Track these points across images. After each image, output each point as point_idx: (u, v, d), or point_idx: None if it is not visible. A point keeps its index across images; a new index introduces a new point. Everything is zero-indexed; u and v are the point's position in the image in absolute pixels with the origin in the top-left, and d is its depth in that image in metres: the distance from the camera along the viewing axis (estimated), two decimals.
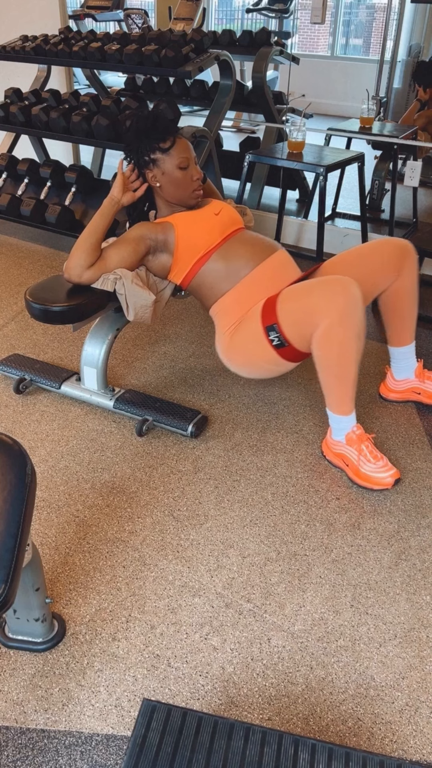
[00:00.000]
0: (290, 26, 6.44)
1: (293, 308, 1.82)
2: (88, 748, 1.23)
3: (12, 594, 0.97)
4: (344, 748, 1.00)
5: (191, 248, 1.97)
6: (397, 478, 1.86)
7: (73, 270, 1.92)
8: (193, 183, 2.01)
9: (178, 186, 2.00)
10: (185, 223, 1.99)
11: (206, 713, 1.03)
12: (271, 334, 1.86)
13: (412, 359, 2.19)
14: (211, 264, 1.98)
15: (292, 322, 1.82)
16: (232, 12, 8.13)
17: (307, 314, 1.77)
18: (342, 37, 7.71)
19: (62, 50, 3.41)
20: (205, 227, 1.99)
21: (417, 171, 3.28)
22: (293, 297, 1.84)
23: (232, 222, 2.06)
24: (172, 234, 1.97)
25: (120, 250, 1.95)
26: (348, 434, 1.89)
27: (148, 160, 1.98)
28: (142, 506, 1.81)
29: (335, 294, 1.74)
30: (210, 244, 1.98)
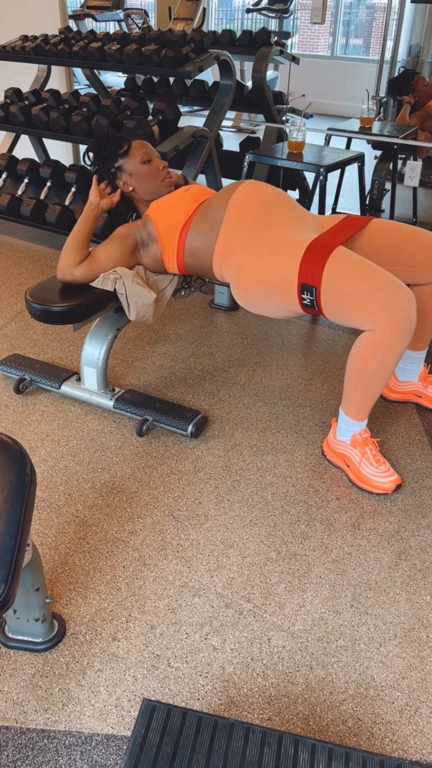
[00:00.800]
0: (290, 26, 6.45)
1: (346, 291, 1.69)
2: (88, 748, 1.23)
3: (12, 594, 0.97)
4: (344, 748, 1.00)
5: (170, 226, 2.01)
6: (398, 483, 1.85)
7: (65, 269, 1.97)
8: (160, 172, 2.10)
9: (147, 179, 2.08)
10: (159, 207, 2.04)
11: (206, 713, 1.03)
12: (305, 293, 1.74)
13: (420, 364, 2.19)
14: (192, 230, 2.00)
15: (337, 301, 1.71)
16: (232, 12, 8.13)
17: (360, 310, 1.68)
18: (342, 37, 7.71)
19: (62, 50, 3.41)
20: (176, 203, 2.04)
21: (417, 171, 3.28)
22: (350, 276, 1.69)
23: (201, 192, 2.09)
24: (150, 223, 2.03)
25: (107, 247, 2.00)
26: (354, 435, 1.89)
27: (114, 170, 2.08)
28: (142, 506, 1.81)
29: (397, 311, 1.64)
30: (186, 214, 2.01)
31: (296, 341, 2.71)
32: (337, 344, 2.68)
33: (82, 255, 1.98)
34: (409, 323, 1.65)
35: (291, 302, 1.81)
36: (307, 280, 1.73)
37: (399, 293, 1.65)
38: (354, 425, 1.88)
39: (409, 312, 1.65)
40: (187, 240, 1.99)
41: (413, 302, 1.65)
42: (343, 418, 1.90)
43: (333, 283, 1.70)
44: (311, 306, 1.77)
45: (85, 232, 2.02)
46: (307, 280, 1.73)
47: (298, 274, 1.74)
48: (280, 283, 1.80)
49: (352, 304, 1.69)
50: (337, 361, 2.54)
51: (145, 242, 2.03)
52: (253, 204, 1.92)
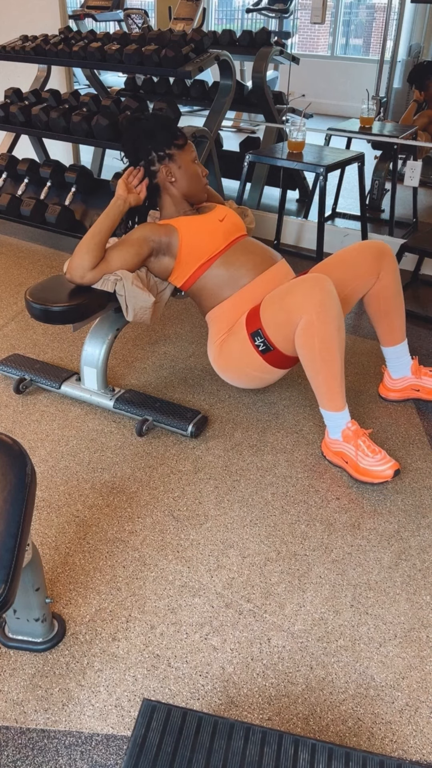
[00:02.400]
0: (290, 26, 6.44)
1: (274, 311, 1.86)
2: (88, 748, 1.23)
3: (12, 594, 0.97)
4: (344, 748, 1.00)
5: (195, 253, 1.98)
6: (397, 468, 1.85)
7: (76, 271, 1.91)
8: (203, 178, 2.10)
9: (193, 179, 2.06)
10: (189, 228, 1.99)
11: (206, 713, 1.03)
12: (256, 339, 1.91)
13: (406, 357, 2.20)
14: (214, 270, 1.99)
15: (274, 324, 1.86)
16: (232, 12, 8.13)
17: (287, 314, 1.82)
18: (342, 37, 7.71)
19: (62, 50, 3.41)
20: (209, 233, 2.00)
21: (417, 171, 3.28)
22: (273, 300, 1.88)
23: (236, 228, 2.08)
24: (176, 237, 1.98)
25: (122, 252, 1.95)
26: (344, 431, 1.90)
27: (164, 155, 2.02)
28: (142, 506, 1.81)
29: (310, 289, 1.79)
30: (214, 250, 1.99)
31: None
32: None
33: (98, 257, 1.91)
34: (327, 292, 1.78)
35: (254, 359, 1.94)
36: (251, 328, 1.91)
37: (307, 279, 1.82)
38: (336, 417, 1.90)
39: (321, 283, 1.79)
40: (205, 275, 2.00)
41: (323, 277, 1.80)
42: (325, 414, 1.93)
43: (268, 313, 1.88)
44: (267, 348, 1.90)
45: (105, 230, 1.94)
46: (252, 328, 1.91)
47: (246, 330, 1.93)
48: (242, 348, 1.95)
49: (283, 314, 1.84)
50: None
51: (161, 251, 1.99)
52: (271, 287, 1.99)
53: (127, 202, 2.00)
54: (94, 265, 1.91)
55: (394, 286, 2.06)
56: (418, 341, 2.68)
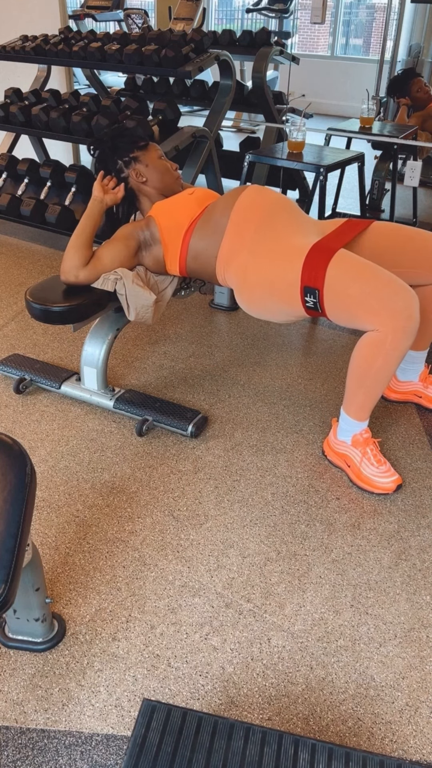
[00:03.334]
0: (290, 26, 6.44)
1: (348, 292, 1.70)
2: (88, 748, 1.23)
3: (12, 594, 0.97)
4: (344, 748, 1.00)
5: (174, 228, 2.01)
6: (399, 483, 1.85)
7: (69, 271, 1.96)
8: (173, 172, 2.15)
9: (163, 173, 2.12)
10: (163, 209, 2.05)
11: (206, 713, 1.03)
12: (308, 295, 1.75)
13: (421, 364, 2.19)
14: (196, 233, 2.00)
15: (340, 302, 1.72)
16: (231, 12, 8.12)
17: (363, 310, 1.69)
18: (342, 37, 7.71)
19: (62, 50, 3.41)
20: (181, 206, 2.04)
21: (417, 171, 3.28)
22: (351, 278, 1.71)
23: (206, 195, 2.10)
24: (153, 223, 2.03)
25: (111, 248, 1.99)
26: (355, 435, 1.89)
27: (129, 159, 2.10)
28: (142, 506, 1.81)
29: (400, 310, 1.65)
30: (190, 217, 2.01)
31: (296, 341, 2.71)
32: (337, 344, 2.68)
33: (87, 255, 1.96)
34: (412, 322, 1.65)
35: (294, 306, 1.81)
36: (309, 282, 1.74)
37: (401, 292, 1.66)
38: (355, 425, 1.88)
39: (412, 311, 1.65)
40: (191, 243, 1.99)
41: (416, 301, 1.66)
42: (345, 418, 1.90)
43: (335, 284, 1.71)
44: (314, 308, 1.78)
45: (88, 229, 2.01)
46: (310, 283, 1.74)
47: (301, 277, 1.75)
48: (283, 287, 1.80)
49: (355, 305, 1.69)
50: (337, 361, 2.54)
51: (147, 243, 2.03)
52: (256, 209, 1.93)
53: (104, 202, 2.08)
54: (84, 262, 1.95)
55: None
56: None
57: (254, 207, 1.93)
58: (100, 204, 2.06)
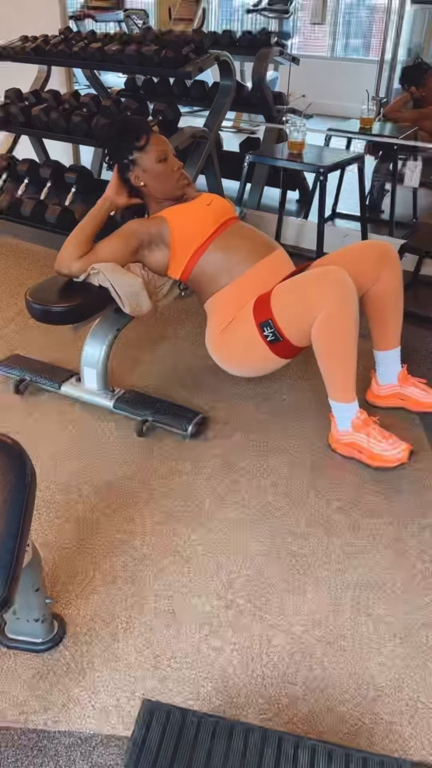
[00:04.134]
0: (290, 27, 6.44)
1: (289, 302, 1.86)
2: (88, 748, 1.23)
3: (12, 594, 0.97)
4: (344, 749, 1.00)
5: (187, 239, 1.99)
6: (410, 450, 1.90)
7: (63, 261, 1.97)
8: (175, 173, 2.06)
9: (161, 179, 2.04)
10: (178, 215, 2.01)
11: (206, 713, 1.03)
12: (265, 330, 1.88)
13: (396, 364, 2.16)
14: (210, 255, 1.99)
15: (288, 315, 1.86)
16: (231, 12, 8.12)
17: (305, 306, 1.82)
18: (342, 37, 7.71)
19: (62, 51, 3.41)
20: (198, 217, 2.01)
21: (417, 171, 3.28)
22: (287, 291, 1.88)
23: (224, 211, 2.08)
24: (165, 227, 1.99)
25: (110, 244, 1.98)
26: (354, 420, 1.91)
27: (128, 162, 2.03)
28: (142, 506, 1.81)
29: (331, 283, 1.80)
30: (205, 233, 2.00)
31: None
32: None
33: (84, 250, 1.96)
34: (346, 286, 1.79)
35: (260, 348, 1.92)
36: (261, 318, 1.89)
37: (329, 270, 1.83)
38: (348, 409, 1.91)
39: (341, 276, 1.80)
40: (201, 260, 1.99)
41: (342, 270, 1.81)
42: (336, 406, 1.93)
43: (280, 305, 1.87)
44: (275, 339, 1.88)
45: (92, 227, 2.00)
46: (262, 318, 1.89)
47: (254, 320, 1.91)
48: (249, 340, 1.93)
49: (299, 307, 1.84)
50: None
51: (153, 243, 2.00)
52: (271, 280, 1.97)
53: (114, 203, 2.06)
54: (80, 255, 1.96)
55: (394, 289, 2.03)
56: (418, 341, 2.67)
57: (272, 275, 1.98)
58: (110, 205, 2.04)
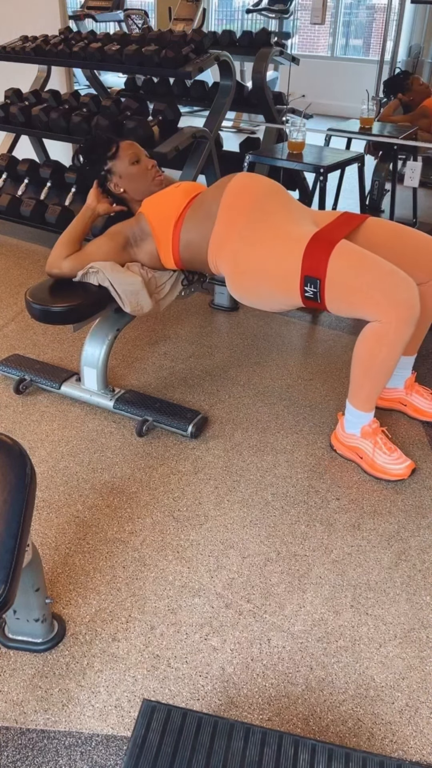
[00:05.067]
0: (290, 27, 6.44)
1: (351, 283, 1.71)
2: (88, 748, 1.23)
3: (12, 594, 0.97)
4: (344, 749, 1.00)
5: (164, 220, 2.02)
6: (413, 468, 1.89)
7: (53, 262, 2.02)
8: (150, 171, 2.12)
9: (137, 179, 2.10)
10: (150, 204, 2.06)
11: (206, 713, 1.03)
12: (308, 285, 1.74)
13: (407, 370, 2.16)
14: (187, 223, 2.00)
15: (342, 293, 1.72)
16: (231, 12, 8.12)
17: (365, 301, 1.70)
18: (342, 37, 7.72)
19: (62, 51, 3.41)
20: (169, 198, 2.05)
21: (417, 171, 3.28)
22: (354, 268, 1.71)
23: (193, 187, 2.11)
24: (143, 218, 2.04)
25: (97, 241, 2.03)
26: (364, 427, 1.91)
27: (104, 173, 2.10)
28: (142, 506, 1.81)
29: (402, 301, 1.67)
30: (179, 208, 2.02)
31: (296, 341, 2.70)
32: (337, 344, 2.68)
33: (72, 250, 2.02)
34: (414, 311, 1.68)
35: (291, 294, 1.81)
36: (311, 272, 1.74)
37: (403, 283, 1.68)
38: (363, 417, 1.91)
39: (414, 301, 1.68)
40: (182, 233, 2.00)
41: (417, 292, 1.69)
42: (352, 410, 1.92)
43: (337, 275, 1.71)
44: (313, 299, 1.77)
45: (77, 231, 2.07)
46: (311, 273, 1.73)
47: (302, 266, 1.75)
48: (280, 275, 1.80)
49: (357, 296, 1.71)
50: (336, 362, 2.54)
51: (138, 238, 2.04)
52: (248, 195, 1.92)
53: (96, 212, 2.11)
54: (68, 255, 2.01)
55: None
56: None
57: (245, 192, 1.93)
58: (92, 213, 2.10)
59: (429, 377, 2.42)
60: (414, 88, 4.15)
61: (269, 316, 2.90)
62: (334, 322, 2.87)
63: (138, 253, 2.06)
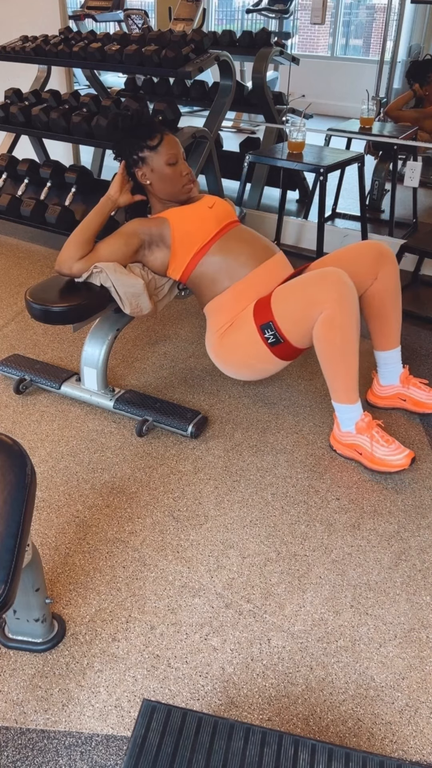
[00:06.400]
0: (290, 27, 6.44)
1: (289, 303, 1.86)
2: (88, 748, 1.23)
3: (12, 594, 0.97)
4: (344, 749, 1.00)
5: (188, 240, 1.99)
6: (413, 457, 1.89)
7: (65, 262, 1.96)
8: (182, 178, 2.03)
9: (168, 182, 2.02)
10: (179, 217, 2.00)
11: (206, 714, 1.03)
12: (266, 332, 1.89)
13: (398, 364, 2.16)
14: (210, 257, 1.99)
15: (289, 317, 1.86)
16: (232, 12, 8.13)
17: (306, 307, 1.82)
18: (342, 37, 7.71)
19: (62, 51, 3.41)
20: (199, 219, 2.01)
21: (417, 171, 3.28)
22: (288, 293, 1.88)
23: (226, 214, 2.08)
24: (167, 227, 1.99)
25: (111, 244, 1.98)
26: (358, 422, 1.92)
27: (137, 158, 2.01)
28: (142, 506, 1.81)
29: (331, 284, 1.80)
30: (207, 236, 2.00)
31: None
32: None
33: (87, 250, 1.96)
34: (347, 287, 1.79)
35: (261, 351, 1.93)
36: (261, 320, 1.90)
37: (328, 271, 1.83)
38: (351, 410, 1.91)
39: (343, 277, 1.80)
40: (201, 263, 2.00)
41: (342, 271, 1.82)
42: (339, 407, 1.93)
43: (280, 306, 1.87)
44: (276, 341, 1.89)
45: (94, 226, 1.99)
46: (262, 320, 1.89)
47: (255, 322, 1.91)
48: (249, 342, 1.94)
49: (300, 308, 1.84)
50: None
51: (154, 244, 2.01)
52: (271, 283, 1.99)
53: (117, 203, 2.04)
54: (82, 256, 1.95)
55: (392, 289, 2.04)
56: (418, 341, 2.68)
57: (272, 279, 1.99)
58: (113, 204, 2.03)
59: (429, 377, 2.42)
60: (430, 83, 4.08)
61: None
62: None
63: (147, 256, 2.03)
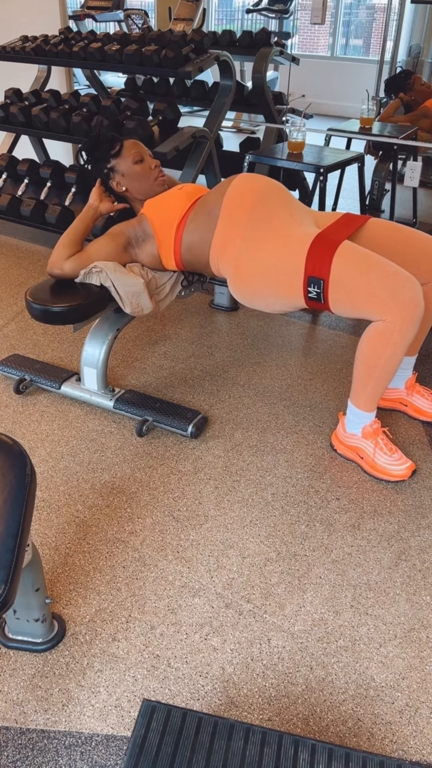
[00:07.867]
0: (290, 27, 6.45)
1: (355, 283, 1.70)
2: (88, 748, 1.23)
3: (12, 594, 0.97)
4: (344, 749, 1.00)
5: (166, 222, 2.01)
6: (413, 469, 1.89)
7: (55, 263, 2.01)
8: (153, 171, 2.10)
9: (140, 179, 2.08)
10: (153, 205, 2.05)
11: (206, 713, 1.03)
12: (312, 285, 1.75)
13: (409, 370, 2.16)
14: (189, 225, 2.00)
15: (346, 293, 1.72)
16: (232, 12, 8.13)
17: (369, 301, 1.69)
18: (342, 37, 7.72)
19: (62, 50, 3.41)
20: (172, 200, 2.05)
21: (417, 171, 3.28)
22: (358, 268, 1.71)
23: (196, 190, 2.11)
24: (145, 220, 2.03)
25: (98, 242, 2.03)
26: (365, 427, 1.91)
27: (107, 170, 2.09)
28: (142, 506, 1.81)
29: (407, 300, 1.67)
30: (181, 211, 2.02)
31: (296, 341, 2.70)
32: (337, 344, 2.68)
33: (74, 251, 2.02)
34: (419, 310, 1.68)
35: (294, 295, 1.81)
36: (314, 273, 1.74)
37: (407, 282, 1.68)
38: (365, 417, 1.91)
39: (419, 300, 1.68)
40: (184, 235, 2.00)
41: (421, 291, 1.69)
42: (354, 410, 1.92)
43: (341, 275, 1.72)
44: (317, 299, 1.77)
45: (79, 231, 2.06)
46: (315, 273, 1.74)
47: (305, 267, 1.75)
48: (282, 277, 1.80)
49: (361, 296, 1.71)
50: (337, 362, 2.54)
51: (139, 239, 2.04)
52: (249, 195, 1.92)
53: (98, 211, 2.10)
54: (70, 255, 2.00)
55: None
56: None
57: (246, 194, 1.93)
58: (94, 212, 2.09)
59: (429, 378, 2.42)
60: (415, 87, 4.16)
61: (269, 316, 2.90)
62: (334, 322, 2.87)
63: (139, 254, 2.06)
